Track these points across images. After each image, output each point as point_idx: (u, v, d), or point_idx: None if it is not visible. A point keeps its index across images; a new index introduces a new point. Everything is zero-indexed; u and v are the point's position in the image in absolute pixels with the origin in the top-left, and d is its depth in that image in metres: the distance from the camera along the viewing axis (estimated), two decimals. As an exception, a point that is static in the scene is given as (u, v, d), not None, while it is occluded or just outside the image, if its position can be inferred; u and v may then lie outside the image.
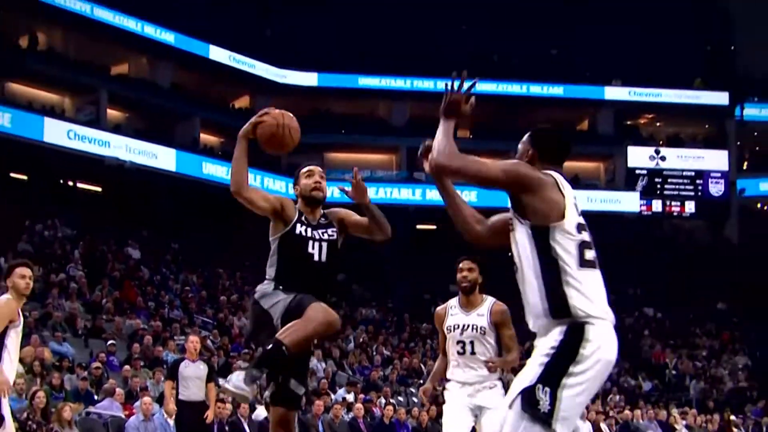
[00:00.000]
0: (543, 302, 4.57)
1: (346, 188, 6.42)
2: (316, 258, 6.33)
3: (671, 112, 43.64)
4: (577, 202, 4.68)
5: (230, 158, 6.27)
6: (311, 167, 6.63)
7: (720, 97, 42.94)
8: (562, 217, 4.58)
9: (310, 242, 6.34)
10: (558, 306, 4.52)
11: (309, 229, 6.39)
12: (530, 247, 4.63)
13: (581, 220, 4.66)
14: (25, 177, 33.15)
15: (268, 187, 35.34)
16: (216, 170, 35.66)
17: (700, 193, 42.15)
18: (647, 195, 41.83)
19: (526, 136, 4.88)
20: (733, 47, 45.23)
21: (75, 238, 28.23)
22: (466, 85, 4.77)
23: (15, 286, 8.27)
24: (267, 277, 6.35)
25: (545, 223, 4.58)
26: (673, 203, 42.11)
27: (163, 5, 36.23)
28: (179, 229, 33.17)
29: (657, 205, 41.99)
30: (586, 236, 4.64)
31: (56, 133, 31.57)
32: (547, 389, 4.37)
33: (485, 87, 38.13)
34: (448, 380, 8.03)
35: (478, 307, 7.92)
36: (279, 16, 36.67)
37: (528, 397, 4.36)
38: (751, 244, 42.48)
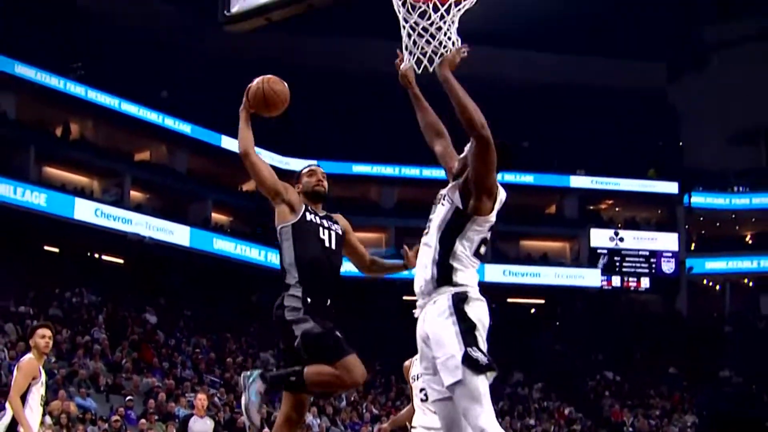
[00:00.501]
0: (432, 267, 4.80)
1: (409, 251, 5.94)
2: (327, 244, 5.90)
3: (628, 198, 43.85)
4: (501, 206, 4.90)
5: (238, 235, 6.25)
6: (313, 167, 6.43)
7: (670, 186, 43.21)
8: (486, 215, 4.82)
9: (321, 229, 5.95)
10: (442, 275, 4.77)
11: (317, 218, 6.02)
12: (444, 223, 4.86)
13: (493, 222, 4.89)
14: (56, 250, 33.21)
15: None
16: (226, 246, 35.67)
17: (653, 271, 42.19)
18: (607, 272, 41.84)
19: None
20: (681, 143, 45.76)
21: (99, 305, 28.20)
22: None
23: (36, 346, 8.27)
24: (287, 271, 5.83)
25: (471, 213, 4.81)
26: (630, 279, 42.10)
27: (181, 101, 36.57)
28: (192, 297, 33.11)
29: (616, 281, 41.96)
30: (488, 235, 4.88)
31: (85, 211, 31.69)
32: (474, 347, 4.61)
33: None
34: (415, 427, 7.72)
35: None
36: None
37: (468, 362, 4.57)
38: (699, 316, 42.59)
